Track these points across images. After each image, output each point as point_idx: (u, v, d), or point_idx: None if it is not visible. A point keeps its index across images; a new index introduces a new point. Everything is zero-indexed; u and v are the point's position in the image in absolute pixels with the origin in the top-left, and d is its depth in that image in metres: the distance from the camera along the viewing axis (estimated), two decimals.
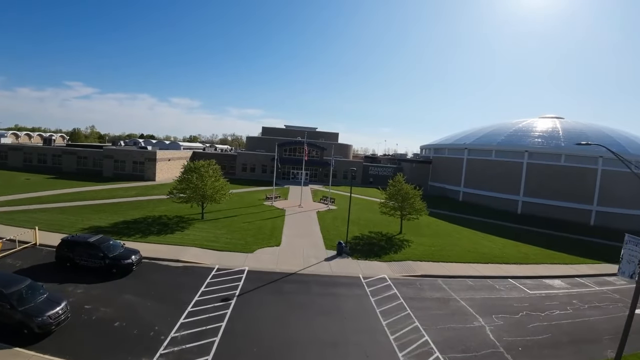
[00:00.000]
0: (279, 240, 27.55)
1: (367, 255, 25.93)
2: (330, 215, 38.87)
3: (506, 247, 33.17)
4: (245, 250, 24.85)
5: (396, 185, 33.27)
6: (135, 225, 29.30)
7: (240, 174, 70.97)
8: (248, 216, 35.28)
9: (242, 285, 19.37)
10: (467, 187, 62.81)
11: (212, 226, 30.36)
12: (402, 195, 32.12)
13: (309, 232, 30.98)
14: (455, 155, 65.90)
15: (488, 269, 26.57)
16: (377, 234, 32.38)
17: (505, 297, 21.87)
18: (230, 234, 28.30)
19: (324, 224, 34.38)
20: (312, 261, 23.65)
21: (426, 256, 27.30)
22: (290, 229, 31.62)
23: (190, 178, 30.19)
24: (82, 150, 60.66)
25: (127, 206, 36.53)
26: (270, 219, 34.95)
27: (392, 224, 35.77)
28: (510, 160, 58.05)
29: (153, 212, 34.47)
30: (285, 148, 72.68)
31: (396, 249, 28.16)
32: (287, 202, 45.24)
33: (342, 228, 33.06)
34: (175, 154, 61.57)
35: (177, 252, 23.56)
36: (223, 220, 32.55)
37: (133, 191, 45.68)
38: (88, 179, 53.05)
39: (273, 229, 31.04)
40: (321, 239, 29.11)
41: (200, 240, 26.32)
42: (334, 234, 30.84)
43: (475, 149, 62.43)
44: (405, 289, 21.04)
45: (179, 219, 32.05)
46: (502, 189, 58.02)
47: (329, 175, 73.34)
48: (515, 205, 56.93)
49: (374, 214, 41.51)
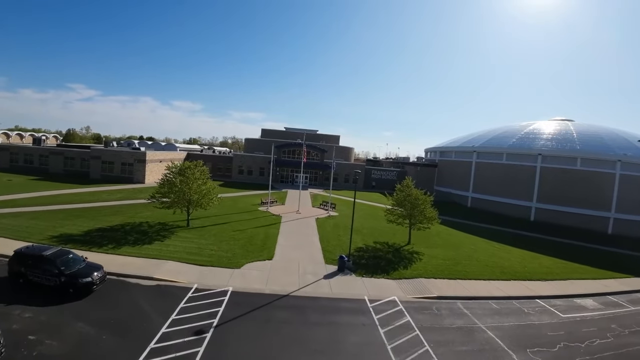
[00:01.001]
0: (271, 253, 24.08)
1: (373, 271, 22.44)
2: (331, 223, 35.41)
3: (526, 260, 29.81)
4: (232, 265, 21.38)
5: (404, 191, 29.84)
6: (111, 234, 25.95)
7: (236, 176, 67.57)
8: (240, 223, 31.82)
9: (222, 311, 15.90)
10: (476, 192, 59.28)
11: (197, 235, 26.93)
12: (411, 201, 28.68)
13: (306, 243, 27.52)
14: (463, 158, 62.43)
15: (512, 287, 23.17)
16: (383, 245, 28.90)
17: (537, 324, 18.46)
18: (217, 245, 24.85)
19: (323, 233, 30.90)
20: (309, 279, 20.16)
21: (440, 272, 23.82)
22: (286, 238, 28.15)
23: (174, 181, 26.84)
24: (69, 150, 57.43)
25: (107, 211, 33.21)
26: (263, 226, 31.48)
27: (399, 233, 32.31)
28: (523, 164, 54.68)
29: (134, 218, 31.12)
30: (283, 150, 69.30)
31: (406, 264, 24.67)
32: (284, 207, 41.79)
33: (344, 237, 29.62)
34: (168, 155, 58.24)
35: (152, 267, 20.16)
36: (211, 228, 29.10)
37: (118, 194, 42.35)
38: (74, 181, 49.89)
39: (266, 238, 27.57)
40: (320, 251, 25.62)
41: (180, 252, 22.89)
42: (335, 245, 27.38)
43: (485, 151, 58.97)
44: (420, 315, 17.54)
45: (161, 227, 28.65)
46: (513, 194, 54.57)
47: (329, 178, 69.66)
48: (527, 212, 53.51)
49: (379, 221, 38.06)
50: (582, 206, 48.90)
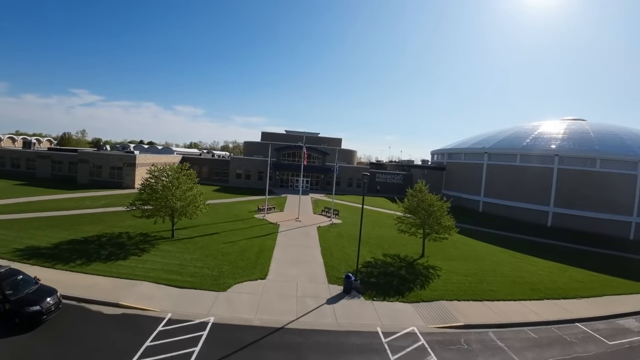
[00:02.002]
0: (265, 270, 20.61)
1: (385, 293, 18.96)
2: (334, 232, 31.93)
3: (553, 273, 26.38)
4: (217, 286, 17.95)
5: (417, 196, 26.44)
6: (83, 246, 22.72)
7: (234, 181, 64.32)
8: (232, 233, 28.41)
9: (198, 352, 12.48)
10: (487, 196, 55.75)
11: (181, 248, 23.55)
12: (424, 208, 25.26)
13: (306, 257, 24.05)
14: (474, 160, 58.97)
15: (546, 308, 19.75)
16: (394, 258, 25.42)
17: (584, 357, 15.07)
18: (202, 260, 21.44)
19: (326, 245, 27.41)
20: (309, 305, 16.69)
21: (464, 291, 20.34)
22: (283, 251, 24.72)
23: (154, 186, 23.59)
24: (56, 154, 54.40)
25: (87, 219, 30.00)
26: (258, 237, 28.02)
27: (411, 243, 28.90)
28: (539, 165, 51.25)
29: (114, 227, 27.86)
30: (283, 153, 66.06)
31: (422, 281, 21.17)
32: (282, 214, 38.39)
33: (350, 249, 26.20)
34: (161, 158, 55.03)
35: (121, 289, 16.83)
36: (198, 240, 25.69)
37: (103, 200, 39.13)
38: (60, 186, 46.85)
39: (260, 252, 24.10)
40: (322, 267, 22.12)
41: (158, 270, 19.52)
42: (339, 259, 23.92)
43: (497, 153, 55.51)
44: (447, 353, 14.05)
45: (142, 238, 25.34)
46: (528, 198, 51.07)
47: (331, 183, 66.42)
48: (544, 217, 50.05)
49: (387, 229, 34.64)
50: (601, 210, 45.53)
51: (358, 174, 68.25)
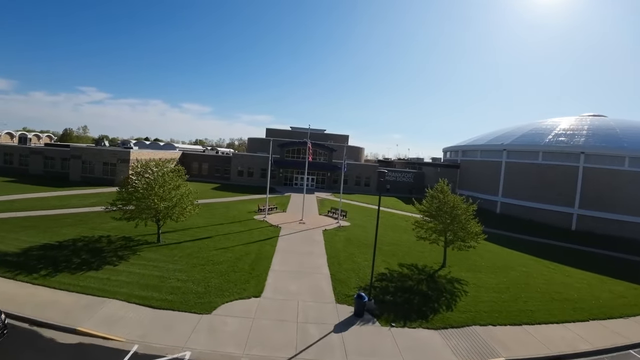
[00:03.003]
0: (261, 285, 17.31)
1: (406, 315, 15.60)
2: (342, 237, 28.52)
3: (592, 286, 22.91)
4: (200, 307, 14.73)
5: (438, 197, 23.00)
6: (55, 252, 19.80)
7: (235, 178, 61.30)
8: (226, 238, 25.22)
9: None
10: (506, 196, 51.92)
11: (165, 256, 20.41)
12: (447, 211, 21.81)
13: (310, 267, 20.69)
14: (491, 158, 55.10)
15: (595, 332, 16.40)
16: (412, 269, 22.02)
17: None
18: (188, 272, 18.27)
19: (333, 252, 24.02)
20: (311, 334, 13.35)
21: (498, 312, 16.92)
22: (283, 260, 21.40)
23: (136, 185, 20.52)
24: (49, 149, 51.82)
25: (69, 220, 27.19)
26: (256, 242, 24.77)
27: (428, 249, 25.51)
28: (562, 164, 47.33)
29: (96, 230, 24.94)
30: (287, 149, 62.81)
31: (448, 300, 17.77)
32: (285, 215, 35.12)
33: (360, 257, 22.89)
34: (158, 154, 52.12)
35: (83, 310, 13.78)
36: (186, 246, 22.52)
37: (92, 199, 36.32)
38: (51, 183, 44.26)
39: (257, 261, 20.81)
40: (329, 281, 18.74)
41: (133, 284, 16.41)
42: (349, 270, 20.56)
43: (517, 150, 51.61)
44: None
45: (124, 243, 22.32)
46: (551, 199, 47.24)
47: (338, 181, 62.96)
48: (568, 219, 46.21)
49: (400, 233, 31.26)
50: (631, 213, 41.57)
51: (366, 172, 64.80)
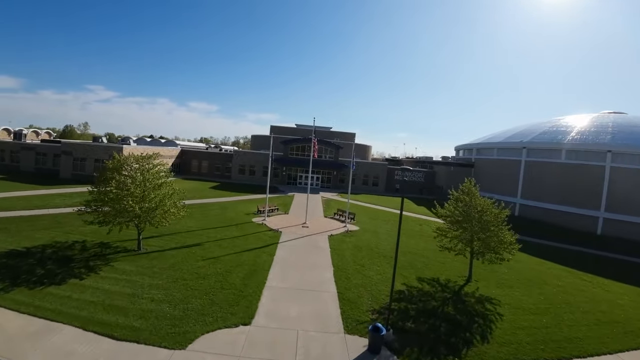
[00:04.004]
0: (252, 308, 14.03)
1: (433, 350, 12.31)
2: (350, 243, 25.15)
3: (636, 302, 19.59)
4: (173, 338, 11.58)
5: (464, 200, 19.68)
6: (18, 261, 17.01)
7: (236, 177, 58.33)
8: (218, 245, 22.02)
9: None
10: (525, 198, 48.24)
11: (144, 268, 17.35)
12: (476, 217, 18.47)
13: (313, 283, 17.39)
14: (509, 156, 51.39)
15: None
16: (433, 285, 18.69)
17: None
18: (166, 289, 15.16)
19: (340, 263, 20.67)
20: None
21: (543, 342, 13.61)
22: (282, 274, 18.13)
23: (108, 183, 17.53)
24: (41, 145, 49.37)
25: (44, 222, 24.36)
26: (252, 250, 21.53)
27: (450, 259, 22.18)
28: (588, 163, 43.65)
29: (72, 234, 22.05)
30: (291, 146, 59.68)
31: (482, 327, 14.43)
32: (287, 217, 31.92)
33: (372, 270, 19.64)
34: (154, 150, 49.19)
35: (29, 339, 10.85)
36: (170, 255, 19.41)
37: (77, 198, 33.27)
38: (41, 181, 41.74)
39: (250, 275, 17.58)
40: (336, 302, 15.41)
41: (97, 305, 13.37)
42: (359, 287, 17.27)
43: (538, 148, 47.88)
44: None
45: (99, 250, 19.37)
46: (575, 201, 43.59)
47: (345, 180, 59.78)
48: (593, 223, 42.57)
49: (415, 239, 27.98)
50: None
51: (374, 171, 61.42)
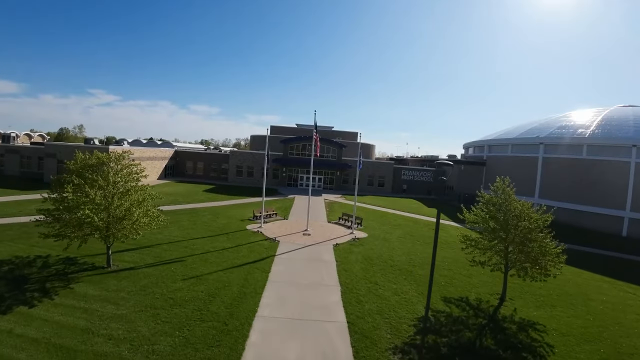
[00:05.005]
0: (238, 350, 10.64)
1: None
2: (359, 255, 21.67)
3: None
4: None
5: (495, 202, 16.44)
6: None
7: (234, 179, 55.25)
8: (204, 260, 18.67)
9: None
10: (544, 197, 44.78)
11: (109, 291, 14.18)
12: (514, 225, 15.19)
13: (316, 310, 13.95)
14: (525, 153, 48.01)
15: None
16: (463, 306, 15.36)
17: None
18: (130, 322, 11.96)
19: (349, 280, 17.28)
20: None
21: None
22: (277, 297, 14.78)
23: (65, 188, 14.45)
24: (26, 148, 46.60)
25: (11, 232, 21.34)
26: (243, 266, 18.19)
27: (475, 272, 18.92)
28: (612, 159, 40.36)
29: (37, 246, 18.90)
30: (291, 145, 56.58)
31: None
32: (286, 224, 28.72)
33: (388, 290, 16.36)
34: (145, 152, 46.35)
35: None
36: (144, 274, 16.10)
37: None
38: (24, 186, 38.91)
39: (238, 300, 14.22)
40: (346, 337, 12.04)
41: (40, 343, 10.21)
42: (374, 313, 13.93)
43: (557, 143, 44.51)
44: None
45: (62, 268, 16.24)
46: (598, 200, 40.34)
47: (348, 181, 56.64)
48: (617, 224, 39.37)
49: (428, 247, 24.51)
50: None
51: (380, 171, 58.19)
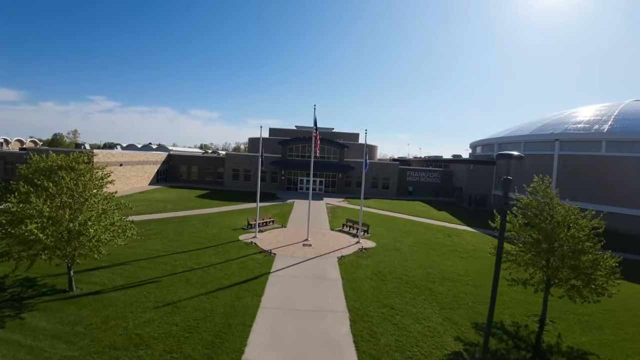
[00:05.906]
0: None
1: None
2: (369, 269, 18.70)
3: None
4: None
5: (539, 207, 13.76)
6: None
7: (230, 183, 52.64)
8: (185, 280, 15.80)
9: None
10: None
11: (65, 322, 11.47)
12: (563, 235, 12.48)
13: (319, 349, 11.19)
14: (538, 150, 45.20)
15: None
16: (498, 334, 12.56)
17: None
18: None
19: (358, 304, 14.32)
20: None
21: None
22: (270, 332, 11.96)
23: (10, 200, 11.95)
24: (11, 154, 44.20)
25: None
26: (231, 287, 15.27)
27: (507, 288, 16.10)
28: (632, 155, 37.69)
29: None
30: (290, 147, 53.97)
31: None
32: (284, 232, 25.98)
33: (406, 315, 13.52)
34: (134, 156, 43.73)
35: None
36: (109, 299, 13.33)
37: None
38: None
39: (221, 336, 11.34)
40: None
41: None
42: (392, 351, 10.97)
43: (574, 140, 41.76)
44: None
45: (17, 291, 13.57)
46: (618, 200, 37.50)
47: (351, 183, 53.88)
48: None
49: (450, 257, 21.84)
50: None
51: (384, 172, 55.49)
